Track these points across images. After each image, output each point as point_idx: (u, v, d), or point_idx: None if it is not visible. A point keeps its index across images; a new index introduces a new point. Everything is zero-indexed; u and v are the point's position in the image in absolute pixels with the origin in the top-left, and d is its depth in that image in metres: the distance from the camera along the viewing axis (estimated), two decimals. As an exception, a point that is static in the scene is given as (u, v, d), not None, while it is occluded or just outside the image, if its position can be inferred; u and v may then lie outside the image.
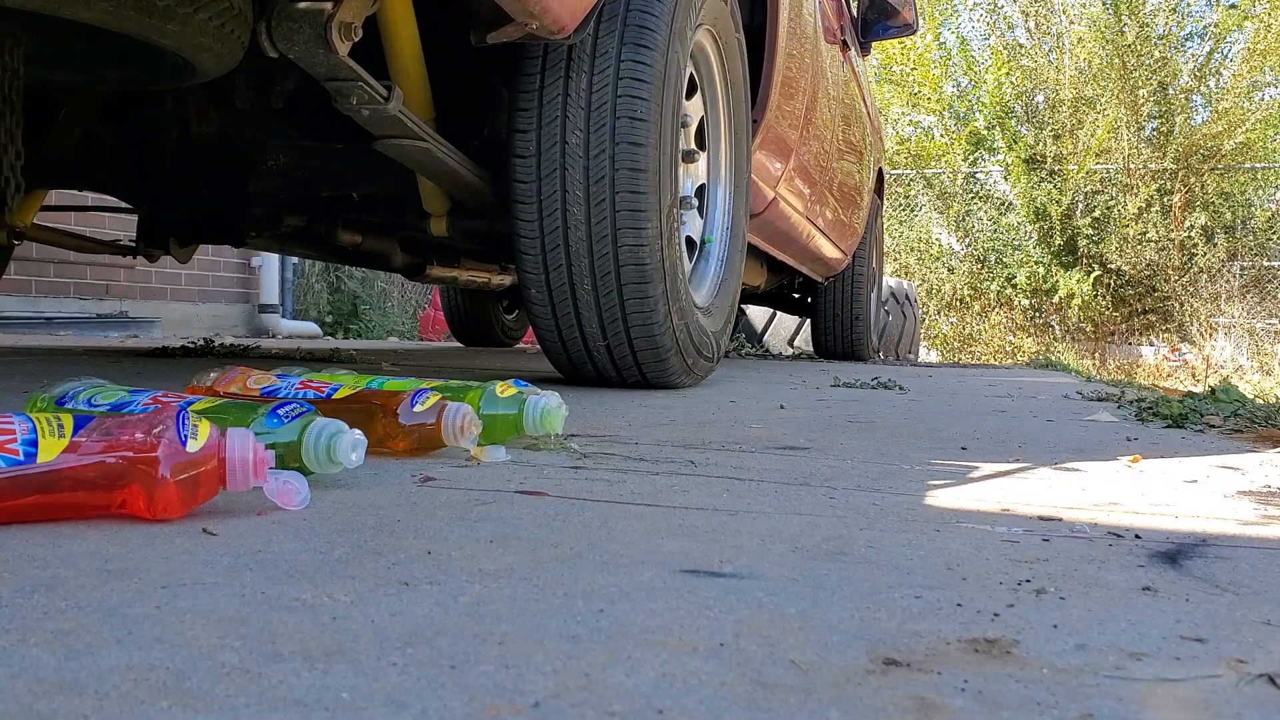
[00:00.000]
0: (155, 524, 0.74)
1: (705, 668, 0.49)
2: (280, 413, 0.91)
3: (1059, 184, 10.46)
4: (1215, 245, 10.20)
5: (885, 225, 8.01)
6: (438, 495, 0.90)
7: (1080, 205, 10.55)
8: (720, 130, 2.43)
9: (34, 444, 0.73)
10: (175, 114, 2.34)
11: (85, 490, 0.74)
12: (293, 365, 1.38)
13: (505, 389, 1.21)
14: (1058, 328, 10.72)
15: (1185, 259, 10.30)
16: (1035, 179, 10.55)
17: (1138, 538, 0.82)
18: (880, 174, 5.56)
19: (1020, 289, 10.56)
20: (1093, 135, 10.22)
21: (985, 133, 11.05)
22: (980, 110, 11.14)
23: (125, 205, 2.82)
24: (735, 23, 2.39)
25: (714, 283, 2.44)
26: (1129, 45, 10.07)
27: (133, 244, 2.77)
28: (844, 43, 3.92)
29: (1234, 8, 10.34)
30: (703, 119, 2.37)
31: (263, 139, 2.29)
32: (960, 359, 10.24)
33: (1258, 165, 10.63)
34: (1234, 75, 10.31)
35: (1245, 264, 10.31)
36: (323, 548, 0.70)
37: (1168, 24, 10.48)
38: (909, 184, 11.43)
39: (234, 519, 0.77)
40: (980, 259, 10.94)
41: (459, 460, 1.10)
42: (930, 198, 11.34)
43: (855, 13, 4.38)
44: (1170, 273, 10.33)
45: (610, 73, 1.89)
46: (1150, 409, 2.01)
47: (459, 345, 5.39)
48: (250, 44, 1.55)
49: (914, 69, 11.15)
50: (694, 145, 2.30)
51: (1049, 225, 10.49)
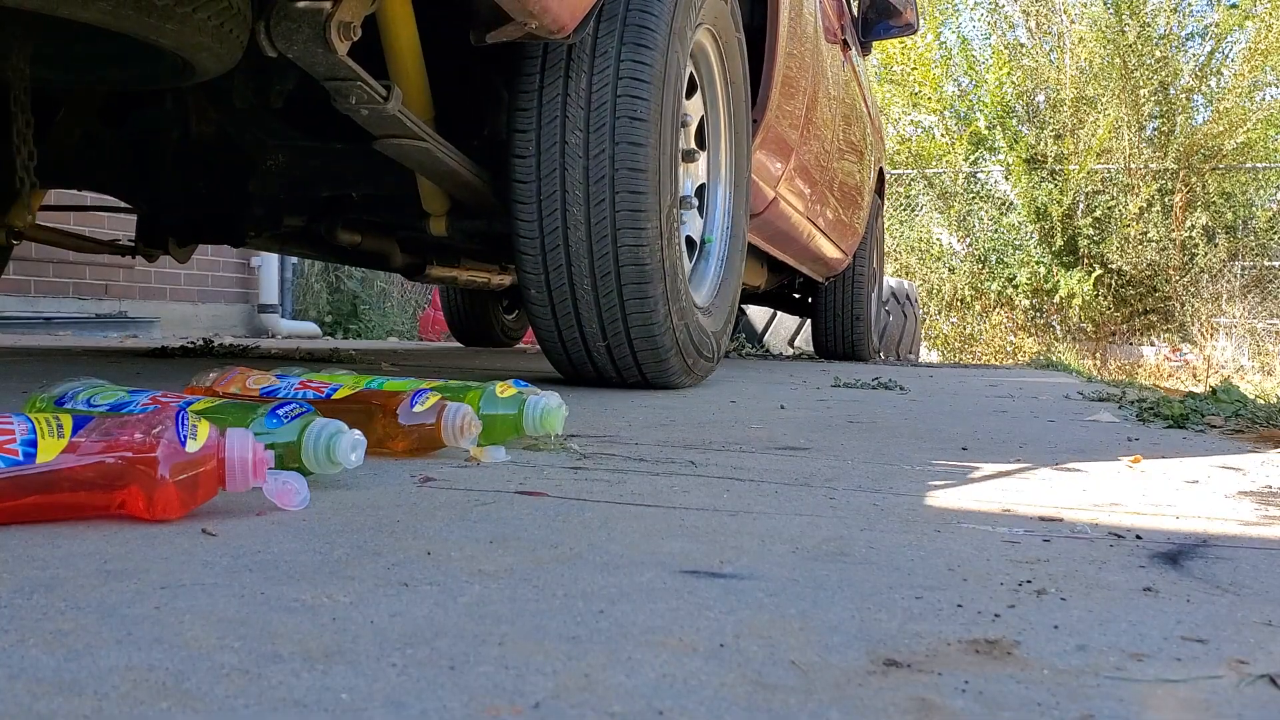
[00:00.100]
0: (155, 524, 0.74)
1: (705, 668, 0.49)
2: (280, 413, 0.91)
3: (1060, 184, 10.46)
4: (1216, 245, 10.19)
5: (886, 225, 8.01)
6: (437, 496, 0.90)
7: (1081, 205, 10.54)
8: (720, 130, 2.43)
9: (33, 444, 0.73)
10: (175, 114, 2.34)
11: (84, 491, 0.74)
12: (292, 365, 1.38)
13: (505, 389, 1.21)
14: (1059, 328, 10.72)
15: (1186, 259, 10.29)
16: (1036, 179, 10.55)
17: (1139, 538, 0.82)
18: (881, 174, 5.56)
19: (1021, 289, 10.56)
20: (1094, 135, 10.21)
21: (986, 132, 11.04)
22: (981, 110, 11.14)
23: (124, 205, 2.82)
24: (735, 22, 2.39)
25: (714, 283, 2.44)
26: (1130, 45, 10.07)
27: (132, 244, 2.77)
28: (845, 42, 3.91)
29: (1235, 7, 10.34)
30: (703, 118, 2.37)
31: (262, 139, 2.29)
32: (961, 359, 10.24)
33: (1259, 165, 10.63)
34: (1235, 75, 10.31)
35: (1246, 264, 10.30)
36: (322, 548, 0.70)
37: (1169, 24, 10.48)
38: (910, 184, 11.43)
39: (233, 519, 0.77)
40: (981, 259, 10.94)
41: (459, 460, 1.10)
42: (931, 198, 11.34)
43: (856, 12, 4.38)
44: (1171, 273, 10.33)
45: (610, 72, 1.89)
46: (1151, 409, 2.01)
47: (459, 345, 5.39)
48: (249, 43, 1.55)
49: (915, 69, 11.15)
50: (694, 145, 2.30)
51: (1050, 225, 10.48)
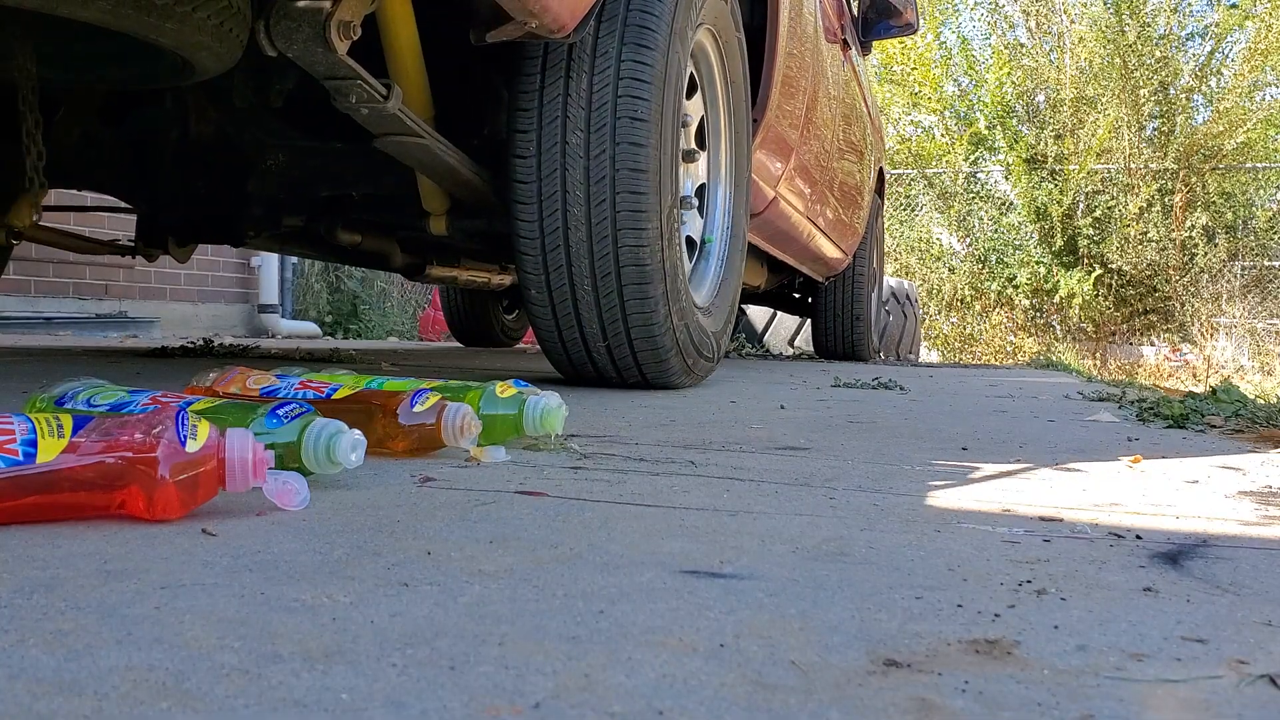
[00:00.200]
0: (155, 524, 0.74)
1: (705, 668, 0.49)
2: (280, 413, 0.91)
3: (1060, 184, 10.46)
4: (1216, 245, 10.19)
5: (886, 225, 8.01)
6: (437, 496, 0.90)
7: (1081, 205, 10.54)
8: (720, 129, 2.43)
9: (33, 444, 0.73)
10: (174, 113, 2.34)
11: (85, 491, 0.74)
12: (292, 365, 1.38)
13: (505, 389, 1.21)
14: (1059, 328, 10.72)
15: (1186, 259, 10.29)
16: (1036, 179, 10.55)
17: (1139, 538, 0.82)
18: (881, 173, 5.56)
19: (1021, 289, 10.56)
20: (1094, 135, 10.21)
21: (986, 132, 11.04)
22: (981, 110, 11.14)
23: (124, 205, 2.82)
24: (735, 22, 2.39)
25: (714, 283, 2.44)
26: (1130, 45, 10.07)
27: (131, 244, 2.77)
28: (845, 42, 3.91)
29: (1235, 7, 10.34)
30: (703, 118, 2.37)
31: (262, 138, 2.29)
32: (961, 359, 10.24)
33: (1259, 165, 10.63)
34: (1235, 75, 10.31)
35: (1246, 264, 10.30)
36: (322, 548, 0.70)
37: (1169, 24, 10.48)
38: (910, 184, 11.42)
39: (233, 519, 0.77)
40: (981, 259, 10.94)
41: (459, 460, 1.10)
42: (931, 197, 11.34)
43: (856, 12, 4.38)
44: (1171, 273, 10.33)
45: (610, 72, 1.89)
46: (1151, 409, 2.01)
47: (459, 345, 5.39)
48: (249, 43, 1.55)
49: (915, 68, 11.15)
50: (694, 145, 2.30)
51: (1050, 225, 10.48)
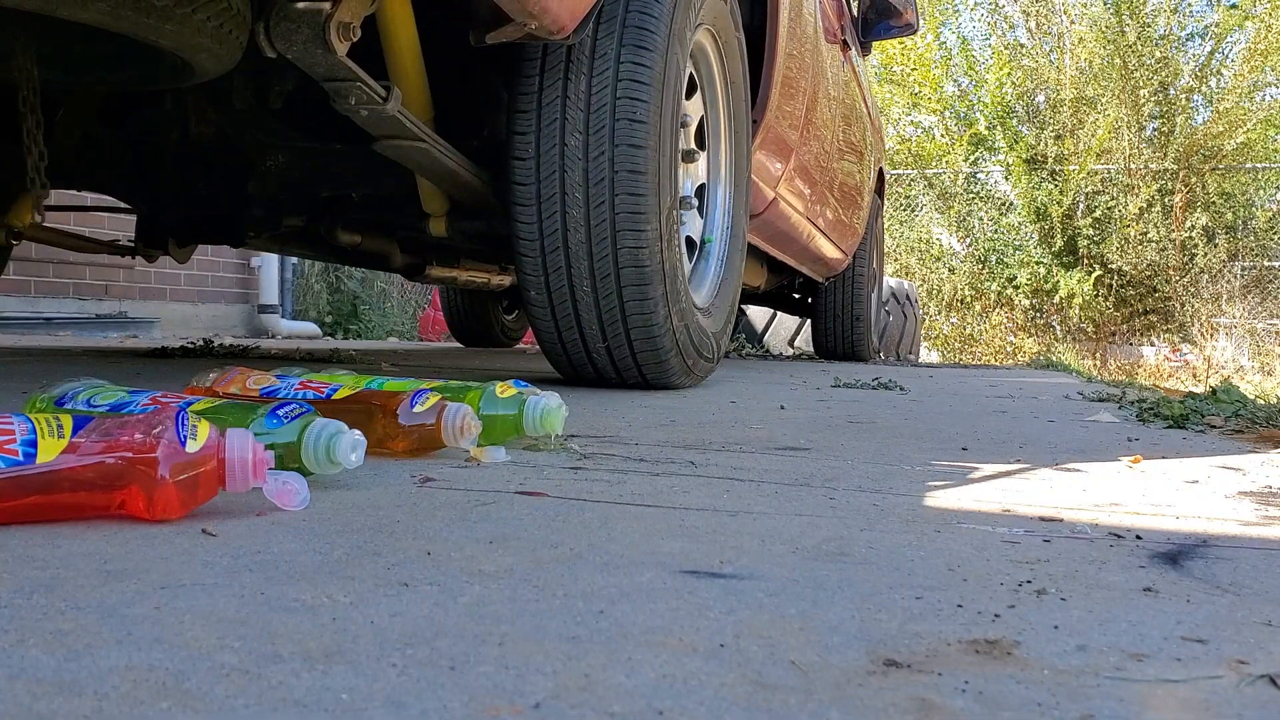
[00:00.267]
0: (155, 525, 0.74)
1: (705, 668, 0.49)
2: (280, 413, 0.91)
3: (1060, 184, 10.46)
4: (1216, 245, 10.19)
5: (886, 225, 8.01)
6: (437, 496, 0.90)
7: (1081, 205, 10.54)
8: (720, 130, 2.43)
9: (33, 444, 0.73)
10: (174, 114, 2.34)
11: (85, 491, 0.74)
12: (292, 365, 1.38)
13: (505, 389, 1.21)
14: (1058, 328, 10.72)
15: (1186, 259, 10.29)
16: (1036, 179, 10.55)
17: (1139, 538, 0.82)
18: (881, 174, 5.56)
19: (1021, 289, 10.56)
20: (1094, 135, 10.22)
21: (986, 133, 11.05)
22: (981, 110, 11.14)
23: (124, 205, 2.82)
24: (735, 22, 2.39)
25: (714, 283, 2.44)
26: (1130, 45, 10.07)
27: (132, 244, 2.77)
28: (844, 42, 3.91)
29: (1235, 8, 10.34)
30: (702, 119, 2.37)
31: (261, 139, 2.29)
32: (961, 359, 10.24)
33: (1259, 165, 10.63)
34: (1235, 75, 10.31)
35: (1246, 264, 10.31)
36: (322, 548, 0.70)
37: (1169, 24, 10.48)
38: (910, 184, 11.43)
39: (233, 519, 0.77)
40: (981, 259, 10.94)
41: (459, 461, 1.10)
42: (931, 198, 11.34)
43: (856, 12, 4.38)
44: (1171, 273, 10.33)
45: (609, 74, 1.89)
46: (1151, 409, 2.01)
47: (459, 345, 5.39)
48: (249, 44, 1.55)
49: (915, 69, 11.15)
50: (694, 145, 2.30)
51: (1050, 225, 10.48)
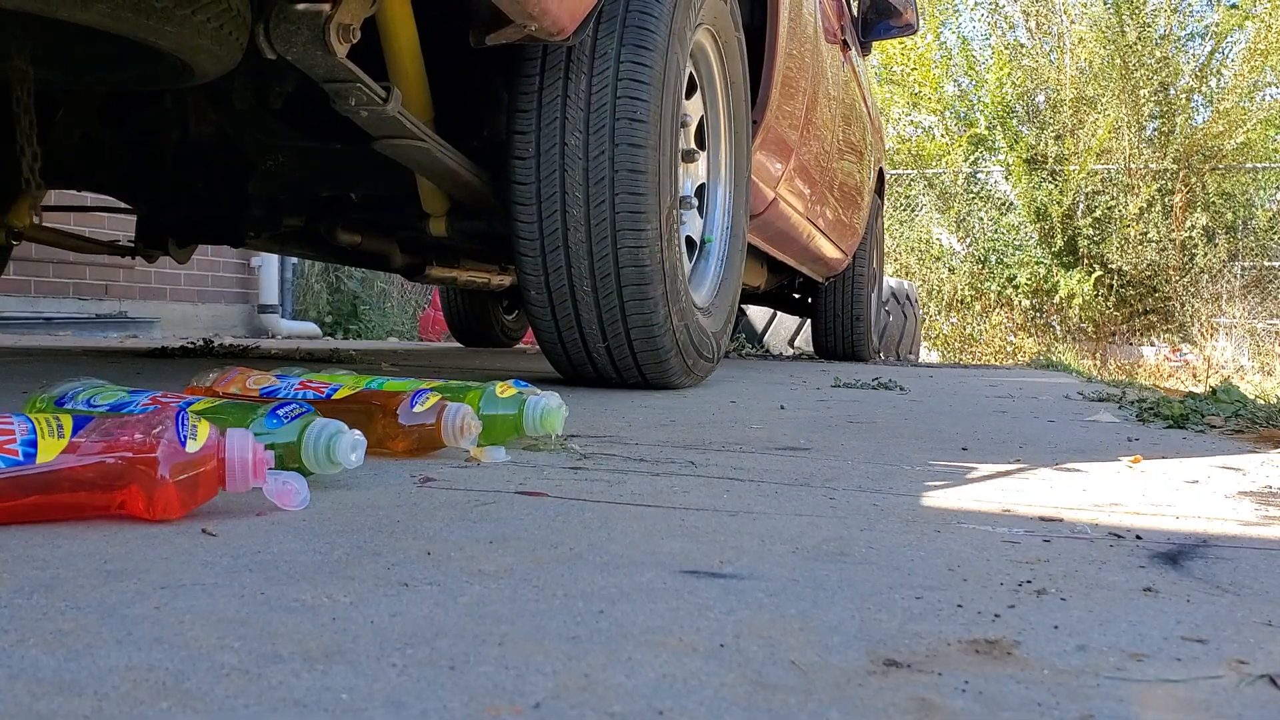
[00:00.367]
0: (155, 524, 0.74)
1: (705, 668, 0.49)
2: (280, 413, 0.91)
3: (1060, 184, 10.46)
4: (1216, 245, 10.19)
5: (886, 225, 8.01)
6: (437, 496, 0.90)
7: (1081, 205, 10.54)
8: (720, 130, 2.43)
9: (33, 444, 0.73)
10: (174, 115, 2.34)
11: (85, 491, 0.74)
12: (292, 365, 1.38)
13: (505, 389, 1.21)
14: (1058, 328, 10.72)
15: (1186, 259, 10.29)
16: (1036, 179, 10.55)
17: (1139, 538, 0.82)
18: (881, 174, 5.56)
19: (1021, 289, 10.56)
20: (1094, 135, 10.22)
21: (986, 133, 11.05)
22: (981, 110, 11.14)
23: (124, 205, 2.82)
24: (735, 22, 2.39)
25: (714, 283, 2.44)
26: (1130, 45, 10.07)
27: (132, 244, 2.77)
28: (844, 42, 3.91)
29: (1235, 8, 10.34)
30: (702, 118, 2.37)
31: (261, 140, 2.29)
32: (961, 359, 10.24)
33: (1259, 165, 10.63)
34: (1235, 75, 10.31)
35: (1246, 264, 10.31)
36: (322, 548, 0.70)
37: (1169, 24, 10.48)
38: (910, 184, 11.43)
39: (233, 519, 0.77)
40: (981, 259, 10.94)
41: (459, 460, 1.10)
42: (931, 198, 11.34)
43: (856, 12, 4.38)
44: (1171, 273, 10.33)
45: (609, 74, 1.89)
46: (1151, 409, 2.01)
47: (459, 345, 5.39)
48: (249, 45, 1.55)
49: (915, 69, 11.15)
50: (694, 145, 2.30)
51: (1050, 225, 10.48)
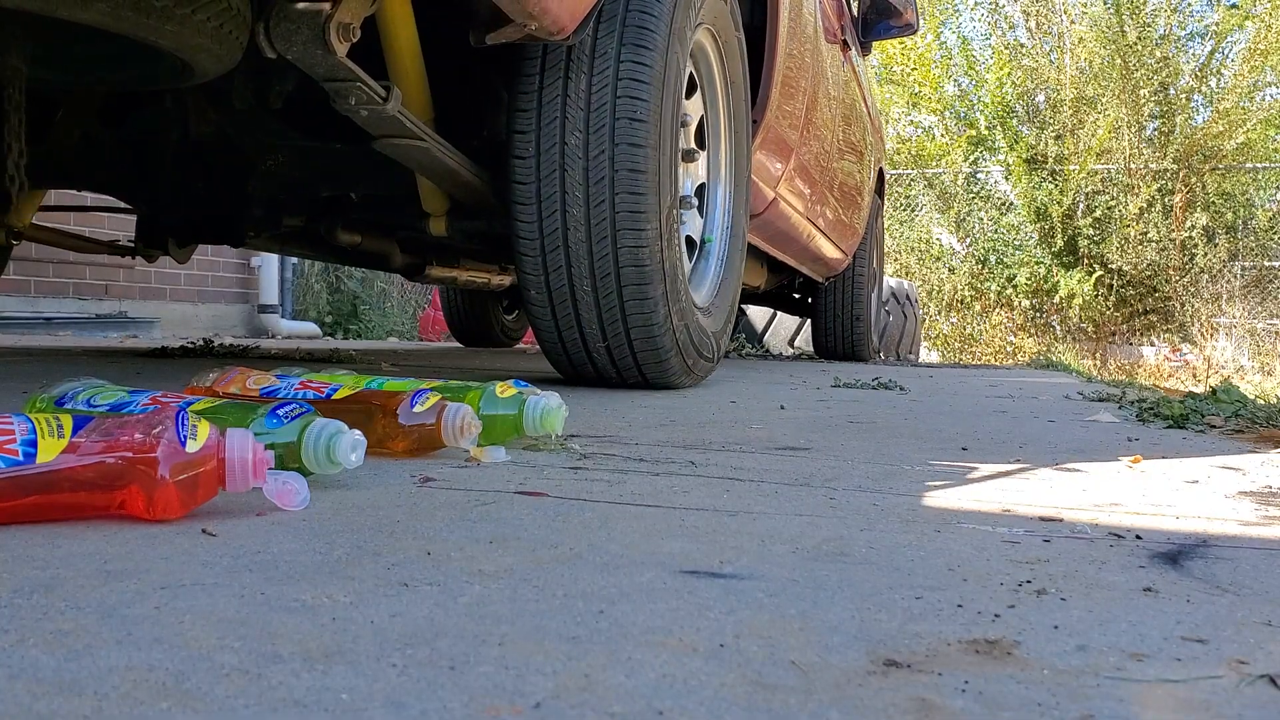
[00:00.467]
0: (155, 524, 0.74)
1: (705, 668, 0.49)
2: (280, 413, 0.91)
3: (1060, 184, 10.46)
4: (1216, 245, 10.20)
5: (886, 225, 8.01)
6: (437, 496, 0.90)
7: (1081, 205, 10.54)
8: (720, 129, 2.43)
9: (33, 444, 0.73)
10: (174, 115, 2.34)
11: (85, 491, 0.74)
12: (292, 365, 1.38)
13: (505, 389, 1.21)
14: (1058, 328, 10.72)
15: (1186, 259, 10.29)
16: (1036, 179, 10.56)
17: (1139, 538, 0.82)
18: (881, 174, 5.56)
19: (1021, 289, 10.56)
20: (1094, 135, 10.22)
21: (986, 133, 11.05)
22: (981, 110, 11.14)
23: (124, 205, 2.82)
24: (735, 22, 2.39)
25: (714, 283, 2.44)
26: (1130, 45, 10.07)
27: (131, 244, 2.77)
28: (844, 42, 3.91)
29: (1235, 8, 10.34)
30: (702, 118, 2.37)
31: (261, 139, 2.29)
32: (961, 359, 10.24)
33: (1259, 165, 10.63)
34: (1235, 75, 10.31)
35: (1246, 264, 10.31)
36: (322, 548, 0.70)
37: (1169, 24, 10.49)
38: (910, 184, 11.43)
39: (233, 519, 0.77)
40: (981, 259, 10.94)
41: (459, 461, 1.09)
42: (931, 198, 11.34)
43: (856, 12, 4.38)
44: (1171, 273, 10.33)
45: (609, 73, 1.89)
46: (1151, 409, 2.01)
47: (459, 345, 5.39)
48: (249, 44, 1.55)
49: (915, 69, 11.15)
50: (694, 145, 2.30)
51: (1050, 225, 10.49)
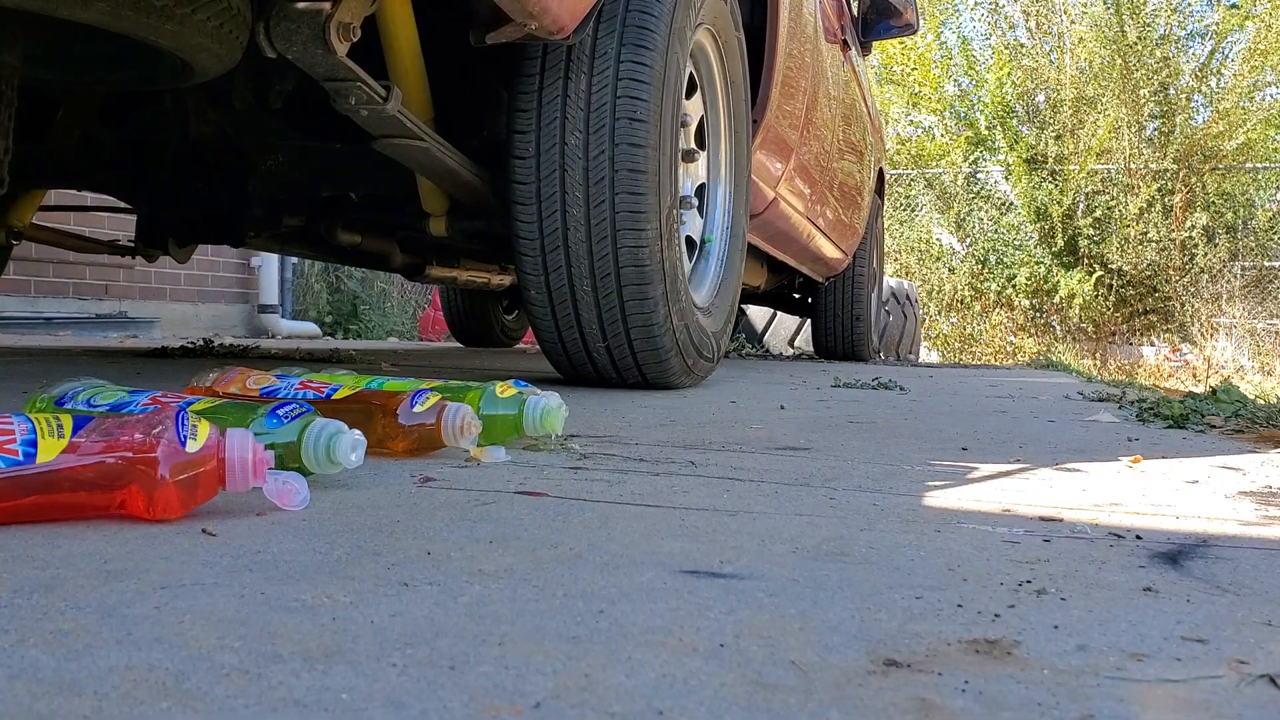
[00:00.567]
0: (155, 524, 0.74)
1: (705, 668, 0.49)
2: (280, 413, 0.91)
3: (1060, 184, 10.46)
4: (1216, 245, 10.20)
5: (886, 225, 8.01)
6: (437, 495, 0.90)
7: (1081, 205, 10.54)
8: (720, 129, 2.43)
9: (33, 444, 0.73)
10: (174, 114, 2.34)
11: (85, 491, 0.74)
12: (292, 365, 1.38)
13: (505, 389, 1.21)
14: (1059, 328, 10.72)
15: (1186, 259, 10.30)
16: (1036, 179, 10.56)
17: (1139, 538, 0.82)
18: (881, 174, 5.56)
19: (1021, 289, 10.56)
20: (1094, 135, 10.22)
21: (986, 133, 11.05)
22: (981, 110, 11.14)
23: (124, 205, 2.82)
24: (735, 22, 2.39)
25: (714, 283, 2.44)
26: (1130, 45, 10.07)
27: (131, 244, 2.77)
28: (844, 42, 3.91)
29: (1235, 8, 10.34)
30: (702, 118, 2.37)
31: (261, 139, 2.28)
32: (961, 359, 10.24)
33: (1259, 165, 10.63)
34: (1235, 75, 10.31)
35: (1246, 264, 10.31)
36: (322, 548, 0.70)
37: (1169, 24, 10.49)
38: (909, 184, 11.43)
39: (233, 519, 0.77)
40: (981, 259, 10.94)
41: (459, 460, 1.09)
42: (931, 198, 11.34)
43: (856, 12, 4.38)
44: (1171, 273, 10.33)
45: (609, 73, 1.89)
46: (1151, 409, 2.01)
47: (459, 345, 5.39)
48: (249, 44, 1.55)
49: (915, 69, 11.15)
50: (694, 145, 2.30)
51: (1050, 225, 10.49)
